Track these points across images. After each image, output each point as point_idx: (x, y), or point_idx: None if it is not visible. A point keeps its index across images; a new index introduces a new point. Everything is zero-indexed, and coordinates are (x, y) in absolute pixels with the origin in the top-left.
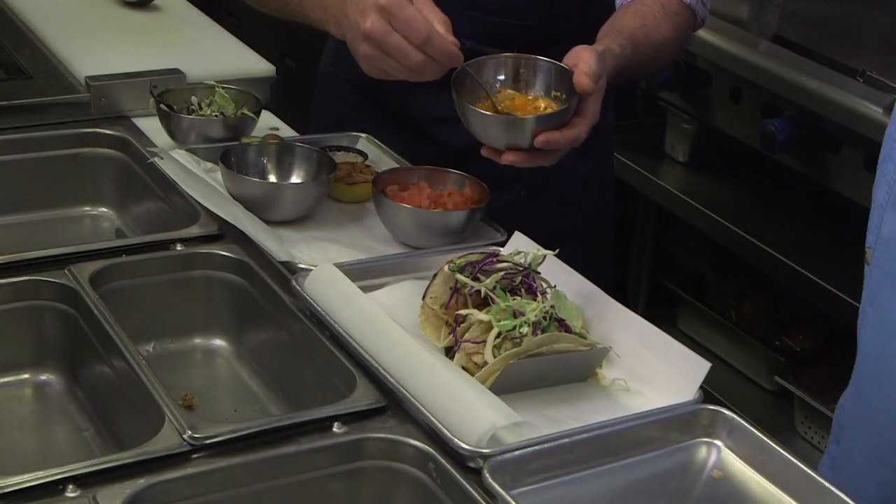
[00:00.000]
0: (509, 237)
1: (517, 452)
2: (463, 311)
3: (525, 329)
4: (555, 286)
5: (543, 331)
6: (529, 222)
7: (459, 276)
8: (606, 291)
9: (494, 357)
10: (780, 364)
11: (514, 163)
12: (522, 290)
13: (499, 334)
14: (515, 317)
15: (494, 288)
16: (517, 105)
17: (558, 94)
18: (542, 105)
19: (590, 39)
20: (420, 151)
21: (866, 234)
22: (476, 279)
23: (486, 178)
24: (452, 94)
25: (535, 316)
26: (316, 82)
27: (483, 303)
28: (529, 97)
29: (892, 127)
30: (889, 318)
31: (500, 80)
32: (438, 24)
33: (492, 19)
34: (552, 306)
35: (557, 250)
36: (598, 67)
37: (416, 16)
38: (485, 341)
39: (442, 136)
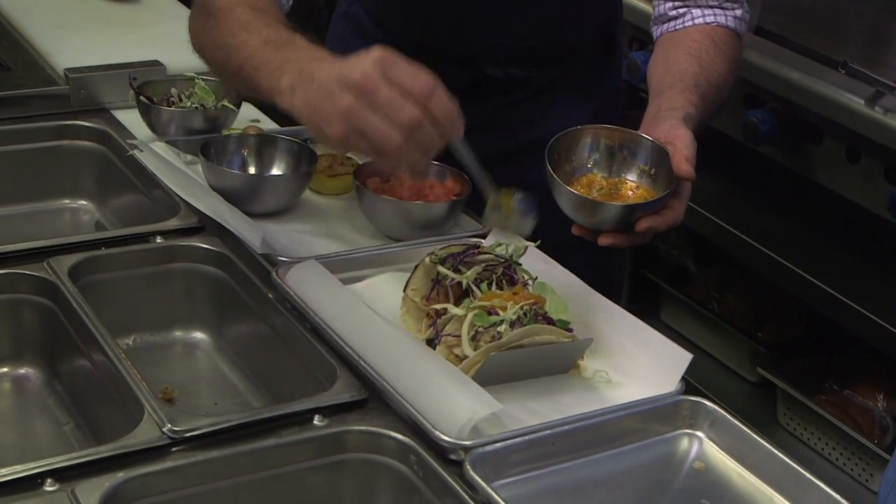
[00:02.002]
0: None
1: (498, 444)
2: (437, 306)
3: (503, 327)
4: (536, 278)
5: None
6: (544, 229)
7: (440, 268)
8: (608, 295)
9: (473, 349)
10: (763, 355)
11: (613, 245)
12: (504, 281)
13: (474, 325)
14: (490, 314)
15: (480, 283)
16: (609, 184)
17: (646, 167)
18: (634, 184)
19: (607, 42)
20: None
21: None
22: (457, 271)
23: (504, 184)
24: (547, 168)
25: (514, 314)
26: None
27: (464, 294)
28: (622, 177)
29: None
30: None
31: (594, 159)
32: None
33: (519, 44)
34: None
35: (539, 242)
36: (694, 148)
37: (419, 69)
38: None
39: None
